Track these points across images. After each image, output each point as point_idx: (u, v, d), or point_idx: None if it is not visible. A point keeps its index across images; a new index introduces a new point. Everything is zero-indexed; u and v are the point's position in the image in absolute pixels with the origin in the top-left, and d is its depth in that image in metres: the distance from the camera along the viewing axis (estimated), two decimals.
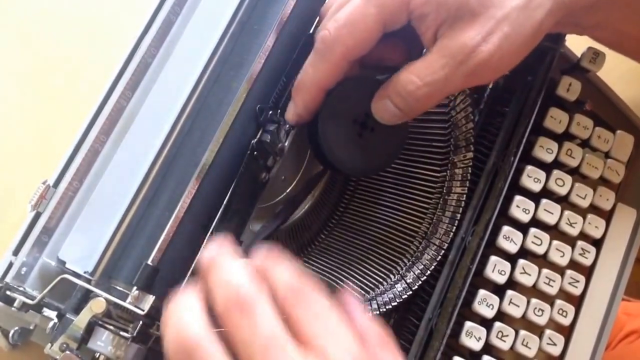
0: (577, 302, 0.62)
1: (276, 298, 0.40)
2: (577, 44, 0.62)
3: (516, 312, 0.58)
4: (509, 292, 0.58)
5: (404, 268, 0.58)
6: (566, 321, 0.60)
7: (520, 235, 0.59)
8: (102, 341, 0.52)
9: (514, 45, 0.50)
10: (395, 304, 0.56)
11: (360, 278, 0.59)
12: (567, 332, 0.61)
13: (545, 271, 0.59)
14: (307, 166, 0.61)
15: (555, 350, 0.60)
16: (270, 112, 0.57)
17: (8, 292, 0.55)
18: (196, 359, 0.38)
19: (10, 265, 0.56)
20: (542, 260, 0.60)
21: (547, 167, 0.60)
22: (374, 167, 0.55)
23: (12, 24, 0.76)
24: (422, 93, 0.50)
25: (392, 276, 0.58)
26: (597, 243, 0.62)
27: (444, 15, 0.50)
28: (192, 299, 0.41)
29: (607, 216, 0.63)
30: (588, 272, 0.62)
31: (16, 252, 0.56)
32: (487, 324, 0.58)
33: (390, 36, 0.53)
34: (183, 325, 0.39)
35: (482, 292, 0.57)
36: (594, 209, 0.62)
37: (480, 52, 0.49)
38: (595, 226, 0.62)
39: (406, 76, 0.50)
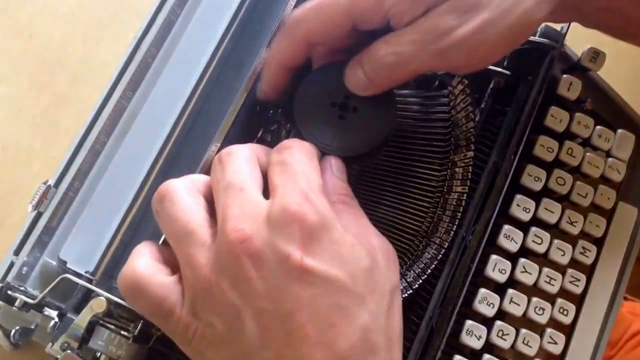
0: (578, 300, 0.62)
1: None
2: (577, 43, 0.62)
3: (517, 310, 0.58)
4: (510, 291, 0.58)
5: (404, 267, 0.57)
6: (567, 320, 0.60)
7: (520, 234, 0.59)
8: (103, 340, 0.52)
9: (495, 33, 0.48)
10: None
11: None
12: (568, 330, 0.61)
13: (546, 270, 0.59)
14: None
15: (556, 349, 0.59)
16: (271, 111, 0.57)
17: (9, 292, 0.55)
18: (167, 198, 0.47)
19: (12, 265, 0.56)
20: (542, 259, 0.60)
21: (548, 166, 0.60)
22: (361, 144, 0.53)
23: (14, 25, 0.76)
24: (388, 60, 0.49)
25: None
26: (598, 242, 0.62)
27: (422, 7, 0.48)
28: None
29: (608, 215, 0.63)
30: (589, 270, 0.62)
31: (17, 252, 0.56)
32: (487, 322, 0.58)
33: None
34: (167, 181, 0.48)
35: (482, 291, 0.57)
36: (594, 207, 0.62)
37: (453, 35, 0.48)
38: (596, 225, 0.62)
39: (378, 43, 0.50)
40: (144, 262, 0.47)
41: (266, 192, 0.47)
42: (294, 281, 0.42)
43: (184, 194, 0.47)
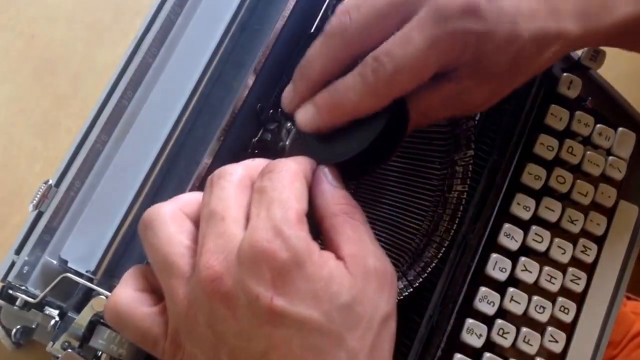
0: (579, 299, 0.61)
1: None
2: None
3: (517, 309, 0.58)
4: (510, 290, 0.58)
5: (405, 266, 0.58)
6: (568, 318, 0.60)
7: (521, 232, 0.59)
8: (104, 339, 0.52)
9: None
10: (396, 301, 0.56)
11: None
12: (569, 329, 0.61)
13: (546, 268, 0.59)
14: None
15: (557, 348, 0.59)
16: (271, 111, 0.57)
17: (10, 291, 0.55)
18: (150, 226, 0.46)
19: (13, 264, 0.56)
20: (543, 258, 0.60)
21: (548, 165, 0.60)
22: (355, 145, 0.48)
23: (16, 26, 0.76)
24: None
25: None
26: (599, 240, 0.62)
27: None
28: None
29: (609, 213, 0.63)
30: (590, 269, 0.62)
31: (18, 251, 0.56)
32: (488, 321, 0.58)
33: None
34: (153, 206, 0.47)
35: (483, 290, 0.57)
36: (595, 206, 0.62)
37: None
38: (596, 223, 0.62)
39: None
40: (126, 294, 0.46)
41: None
42: (265, 322, 0.40)
43: (168, 222, 0.45)
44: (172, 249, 0.44)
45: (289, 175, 0.44)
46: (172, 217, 0.46)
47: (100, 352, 0.53)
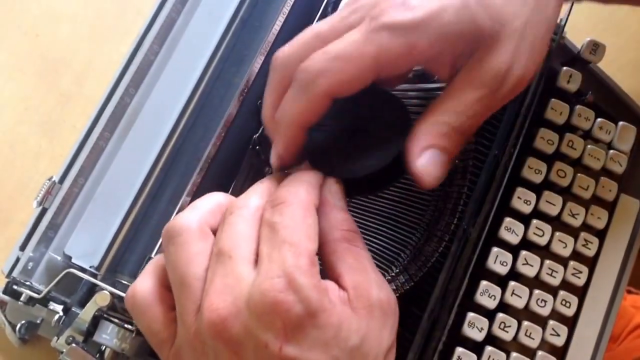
0: (581, 293, 0.62)
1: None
2: (577, 35, 0.62)
3: (519, 303, 0.58)
4: (512, 283, 0.58)
5: (406, 260, 0.58)
6: (569, 312, 0.60)
7: (522, 226, 0.59)
8: (108, 334, 0.52)
9: (539, 47, 0.47)
10: (397, 295, 0.57)
11: None
12: (571, 322, 0.61)
13: (547, 262, 0.59)
14: None
15: (559, 341, 0.59)
16: None
17: (15, 287, 0.56)
18: (173, 241, 0.44)
19: (17, 260, 0.57)
20: (544, 252, 0.60)
21: (549, 159, 0.60)
22: (369, 164, 0.47)
23: (21, 25, 0.77)
24: (467, 125, 0.46)
25: (393, 268, 0.58)
26: (600, 234, 0.62)
27: (461, 49, 0.46)
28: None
29: (610, 207, 0.63)
30: (591, 263, 0.62)
31: (23, 248, 0.57)
32: (489, 315, 0.58)
33: None
34: (178, 217, 0.45)
35: (484, 283, 0.57)
36: (596, 200, 0.62)
37: (514, 72, 0.45)
38: (597, 217, 0.62)
39: (440, 118, 0.46)
40: (147, 287, 0.46)
41: None
42: None
43: (191, 240, 0.44)
44: (191, 270, 0.43)
45: (300, 210, 0.43)
46: (196, 234, 0.44)
47: (104, 347, 0.53)
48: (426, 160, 0.46)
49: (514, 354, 0.58)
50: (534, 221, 0.59)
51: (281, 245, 0.41)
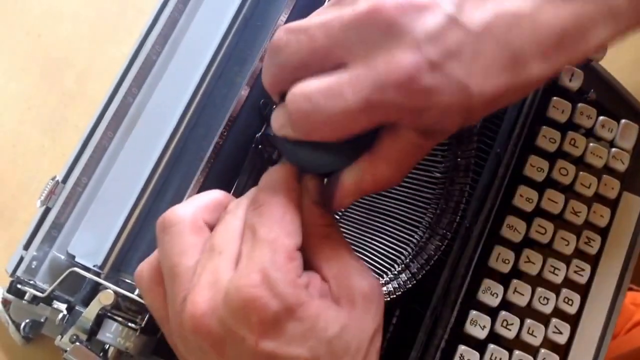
0: (583, 290, 0.62)
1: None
2: None
3: (521, 301, 0.58)
4: (514, 281, 0.58)
5: (408, 258, 0.58)
6: (572, 310, 0.60)
7: (524, 224, 0.59)
8: (111, 333, 0.53)
9: None
10: (400, 293, 0.57)
11: None
12: (573, 320, 0.61)
13: (550, 260, 0.59)
14: None
15: (562, 339, 0.60)
16: (274, 106, 0.58)
17: (19, 286, 0.56)
18: (167, 231, 0.45)
19: (21, 259, 0.57)
20: (546, 250, 0.60)
21: (551, 157, 0.60)
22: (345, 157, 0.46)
23: (23, 25, 0.77)
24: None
25: (396, 266, 0.58)
26: (603, 232, 0.62)
27: None
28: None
29: (612, 205, 0.63)
30: (593, 260, 0.62)
31: (27, 247, 0.57)
32: (492, 313, 0.58)
33: None
34: (174, 208, 0.46)
35: (486, 281, 0.58)
36: (598, 197, 0.62)
37: None
38: (600, 215, 0.62)
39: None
40: (152, 266, 0.47)
41: None
42: None
43: (185, 231, 0.45)
44: (182, 261, 0.44)
45: (279, 208, 0.44)
46: (191, 226, 0.45)
47: (107, 345, 0.53)
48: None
49: (516, 352, 0.59)
50: (536, 219, 0.59)
51: (259, 243, 0.42)
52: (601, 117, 0.62)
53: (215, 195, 0.48)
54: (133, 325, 0.53)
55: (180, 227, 0.45)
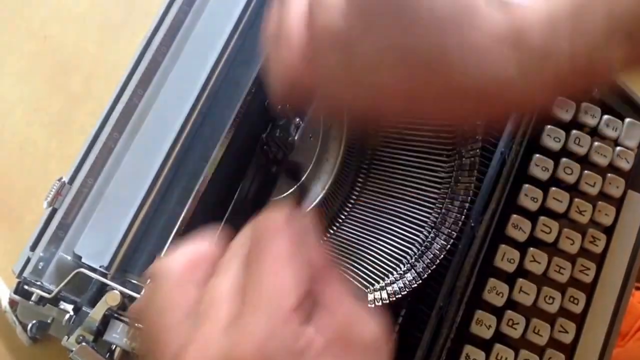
0: (589, 289, 0.62)
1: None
2: None
3: (526, 300, 0.59)
4: (519, 280, 0.58)
5: (414, 257, 0.58)
6: (577, 309, 0.60)
7: (529, 223, 0.59)
8: (118, 333, 0.53)
9: None
10: (405, 293, 0.57)
11: (370, 268, 0.59)
12: (579, 320, 0.61)
13: (555, 259, 0.60)
14: (318, 157, 0.62)
15: (567, 338, 0.60)
16: (279, 106, 0.58)
17: (26, 287, 0.56)
18: (154, 281, 0.43)
19: (28, 260, 0.57)
20: (552, 249, 0.60)
21: (556, 156, 0.61)
22: None
23: (29, 27, 0.77)
24: None
25: (402, 266, 0.58)
26: (608, 230, 0.62)
27: None
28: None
29: (618, 204, 0.63)
30: (599, 259, 0.62)
31: (33, 248, 0.57)
32: (497, 312, 0.58)
33: None
34: (163, 260, 0.44)
35: (491, 281, 0.58)
36: (603, 196, 0.62)
37: None
38: (605, 214, 0.62)
39: None
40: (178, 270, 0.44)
41: None
42: None
43: (172, 287, 0.43)
44: (165, 320, 0.42)
45: (274, 264, 0.41)
46: (178, 278, 0.43)
47: (114, 346, 0.53)
48: None
49: (522, 351, 0.59)
50: (541, 218, 0.59)
51: (251, 308, 0.40)
52: (605, 116, 0.62)
53: (204, 248, 0.45)
54: (139, 325, 0.53)
55: (166, 282, 0.43)
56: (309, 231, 0.44)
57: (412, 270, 0.58)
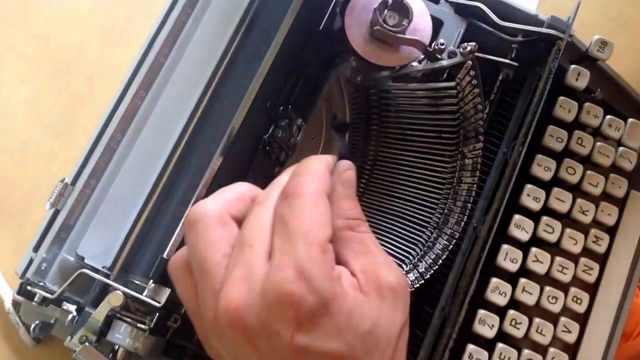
0: (592, 289, 0.62)
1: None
2: (584, 33, 0.62)
3: (529, 299, 0.59)
4: (522, 280, 0.58)
5: (416, 258, 0.58)
6: (581, 309, 0.60)
7: (531, 223, 0.59)
8: (121, 333, 0.53)
9: None
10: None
11: None
12: (582, 319, 0.61)
13: (558, 259, 0.60)
14: None
15: (571, 338, 0.60)
16: (282, 108, 0.58)
17: (29, 287, 0.56)
18: (193, 227, 0.45)
19: (31, 261, 0.57)
20: (554, 249, 0.60)
21: (558, 156, 0.60)
22: None
23: (32, 29, 0.77)
24: None
25: (404, 266, 0.58)
26: (611, 230, 0.62)
27: None
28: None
29: (620, 204, 0.63)
30: (602, 259, 0.62)
31: (36, 249, 0.57)
32: (500, 312, 0.58)
33: None
34: (199, 204, 0.46)
35: (494, 280, 0.58)
36: (606, 196, 0.62)
37: None
38: (608, 214, 0.62)
39: None
40: (182, 258, 0.47)
41: None
42: (286, 356, 0.41)
43: (211, 226, 0.45)
44: (210, 256, 0.44)
45: (311, 199, 0.44)
46: (217, 220, 0.45)
47: (117, 346, 0.53)
48: None
49: (525, 351, 0.59)
50: (544, 218, 0.59)
51: (291, 236, 0.42)
52: (608, 116, 0.62)
53: (241, 188, 0.48)
54: (142, 326, 0.53)
55: (206, 222, 0.45)
56: (347, 183, 0.47)
57: (415, 270, 0.58)
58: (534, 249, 0.59)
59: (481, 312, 0.57)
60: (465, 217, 0.58)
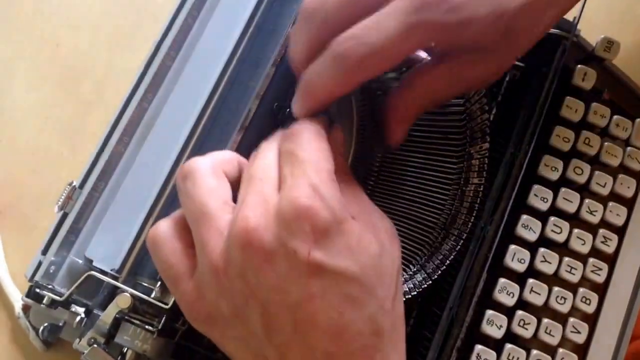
0: (601, 290, 0.61)
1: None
2: (591, 33, 0.62)
3: (538, 300, 0.58)
4: (530, 281, 0.58)
5: (424, 258, 0.58)
6: (590, 309, 0.60)
7: (539, 223, 0.59)
8: (129, 336, 0.53)
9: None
10: (415, 293, 0.57)
11: None
12: (592, 320, 0.61)
13: (566, 259, 0.59)
14: None
15: (580, 338, 0.59)
16: (288, 110, 0.58)
17: (38, 290, 0.57)
18: (189, 177, 0.47)
19: (40, 264, 0.58)
20: (563, 249, 0.60)
21: (565, 156, 0.60)
22: None
23: (41, 35, 0.78)
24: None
25: (411, 267, 0.58)
26: (620, 231, 0.62)
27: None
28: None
29: (629, 204, 0.63)
30: (611, 260, 0.62)
31: (45, 252, 0.58)
32: (508, 312, 0.58)
33: None
34: (193, 159, 0.48)
35: (502, 281, 0.58)
36: (614, 196, 0.62)
37: None
38: (616, 214, 0.61)
39: None
40: (167, 226, 0.48)
41: None
42: (302, 274, 0.41)
43: (208, 174, 0.46)
44: (211, 200, 0.45)
45: (313, 135, 0.46)
46: (212, 171, 0.47)
47: (125, 348, 0.54)
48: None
49: (534, 352, 0.58)
50: (552, 218, 0.59)
51: (302, 164, 0.44)
52: (615, 117, 0.62)
53: (229, 153, 0.50)
54: (150, 327, 0.53)
55: (202, 172, 0.46)
56: (338, 141, 0.50)
57: (422, 271, 0.58)
58: (542, 250, 0.59)
59: (489, 313, 0.57)
60: (473, 217, 0.58)
